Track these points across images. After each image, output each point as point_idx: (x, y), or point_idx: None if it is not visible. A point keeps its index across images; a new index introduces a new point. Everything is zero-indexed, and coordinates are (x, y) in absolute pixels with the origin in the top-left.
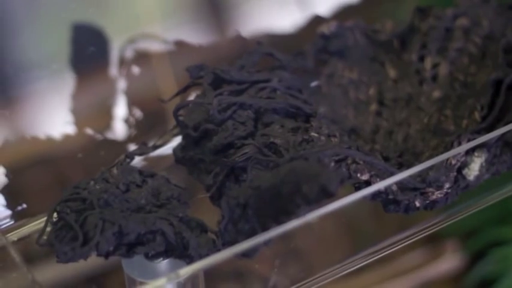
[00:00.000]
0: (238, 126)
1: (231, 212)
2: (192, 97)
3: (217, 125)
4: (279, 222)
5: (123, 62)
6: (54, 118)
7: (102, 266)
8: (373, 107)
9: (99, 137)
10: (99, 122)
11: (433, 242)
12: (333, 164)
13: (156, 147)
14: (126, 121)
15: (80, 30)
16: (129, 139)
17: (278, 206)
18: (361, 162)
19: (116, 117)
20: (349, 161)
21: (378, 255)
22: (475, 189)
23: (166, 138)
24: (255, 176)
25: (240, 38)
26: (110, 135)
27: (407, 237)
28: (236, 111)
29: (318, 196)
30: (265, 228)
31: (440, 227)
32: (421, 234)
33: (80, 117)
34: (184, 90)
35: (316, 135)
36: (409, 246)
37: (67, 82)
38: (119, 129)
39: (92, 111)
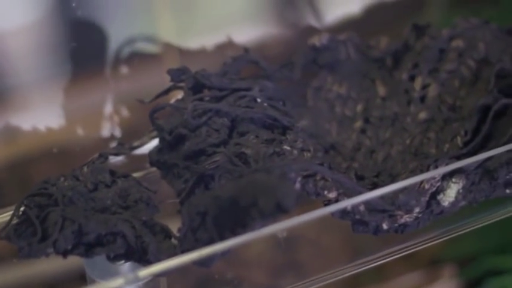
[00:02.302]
0: (211, 133)
1: (190, 220)
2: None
3: (191, 130)
4: (235, 233)
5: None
6: (42, 114)
7: None
8: (358, 124)
9: (89, 134)
10: (91, 120)
11: (431, 266)
12: (300, 179)
13: (132, 148)
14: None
15: (79, 28)
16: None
17: (235, 217)
18: (329, 179)
19: (109, 117)
20: (318, 178)
21: (373, 263)
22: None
23: (145, 140)
24: (222, 185)
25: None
26: (101, 134)
27: (401, 249)
28: (211, 118)
29: (273, 211)
30: (223, 239)
31: (437, 241)
32: (417, 247)
33: (71, 114)
34: (166, 93)
35: (288, 148)
36: (406, 268)
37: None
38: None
39: (87, 109)
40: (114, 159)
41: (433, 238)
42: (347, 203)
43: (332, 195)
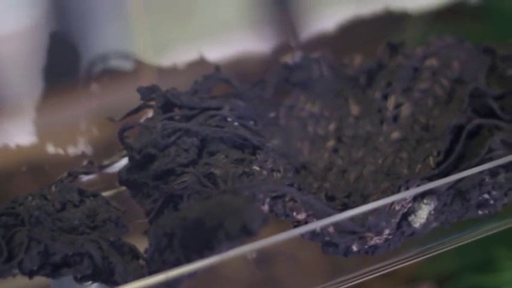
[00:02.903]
0: (181, 152)
1: (157, 241)
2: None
3: (160, 150)
4: (202, 255)
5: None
6: (13, 131)
7: None
8: (331, 143)
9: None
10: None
11: (410, 284)
12: (268, 200)
13: (102, 167)
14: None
15: (51, 44)
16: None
17: (202, 239)
18: (298, 200)
19: (81, 134)
20: (287, 199)
21: (352, 281)
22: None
23: (115, 159)
24: (189, 206)
25: None
26: (72, 152)
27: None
28: (181, 138)
29: (239, 234)
30: (189, 260)
31: (416, 259)
32: (396, 265)
33: (42, 131)
34: (136, 111)
35: (258, 169)
36: (385, 286)
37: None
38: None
39: (58, 126)
40: (85, 177)
41: (412, 257)
42: (316, 225)
43: (301, 216)
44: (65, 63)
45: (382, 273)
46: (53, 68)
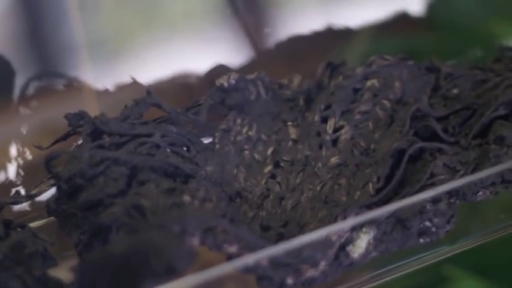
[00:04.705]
0: (109, 183)
1: (81, 277)
2: None
3: (88, 180)
4: None
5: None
6: None
7: None
8: (268, 168)
9: None
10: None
11: None
12: (199, 233)
13: (30, 196)
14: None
15: None
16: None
17: (127, 276)
18: (230, 232)
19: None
20: (218, 231)
21: None
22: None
23: (42, 188)
24: (117, 239)
25: None
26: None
27: None
28: (109, 167)
29: (165, 272)
30: None
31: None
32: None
33: None
34: (64, 138)
35: (189, 199)
36: None
37: None
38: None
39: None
40: (15, 207)
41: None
42: (248, 259)
43: (233, 249)
44: None
45: None
46: None
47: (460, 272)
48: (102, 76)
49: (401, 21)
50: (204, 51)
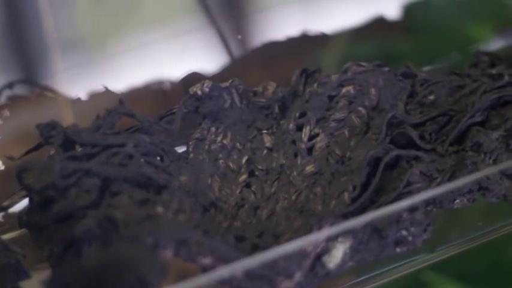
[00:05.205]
0: (81, 194)
1: None
2: None
3: (60, 191)
4: None
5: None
6: None
7: None
8: (243, 177)
9: None
10: None
11: None
12: (172, 245)
13: (2, 208)
14: None
15: None
16: None
17: None
18: (203, 244)
19: None
20: (192, 243)
21: None
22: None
23: (14, 200)
24: (90, 252)
25: None
26: None
27: None
28: (82, 178)
29: (137, 286)
30: None
31: None
32: None
33: None
34: (36, 149)
35: (162, 210)
36: None
37: None
38: None
39: None
40: None
41: None
42: (222, 272)
43: (207, 261)
44: None
45: None
46: None
47: (440, 278)
48: (77, 83)
49: (378, 24)
50: (179, 57)
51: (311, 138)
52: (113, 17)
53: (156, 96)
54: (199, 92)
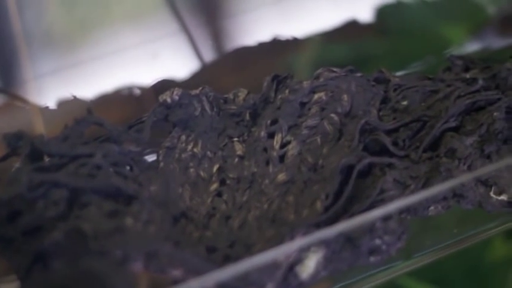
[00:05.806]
0: (49, 206)
1: None
2: None
3: (27, 203)
4: None
5: None
6: None
7: None
8: (214, 186)
9: None
10: None
11: None
12: (142, 257)
13: None
14: None
15: None
16: None
17: None
18: (173, 256)
19: None
20: (162, 255)
21: None
22: None
23: None
24: (58, 265)
25: None
26: None
27: None
28: (49, 190)
29: None
30: None
31: None
32: None
33: None
34: (2, 160)
35: (132, 221)
36: None
37: None
38: None
39: None
40: None
41: None
42: (193, 283)
43: (178, 273)
44: None
45: None
46: None
47: (417, 284)
48: (47, 91)
49: (351, 27)
50: (150, 64)
51: (283, 145)
52: (83, 23)
53: (128, 102)
54: (169, 100)
